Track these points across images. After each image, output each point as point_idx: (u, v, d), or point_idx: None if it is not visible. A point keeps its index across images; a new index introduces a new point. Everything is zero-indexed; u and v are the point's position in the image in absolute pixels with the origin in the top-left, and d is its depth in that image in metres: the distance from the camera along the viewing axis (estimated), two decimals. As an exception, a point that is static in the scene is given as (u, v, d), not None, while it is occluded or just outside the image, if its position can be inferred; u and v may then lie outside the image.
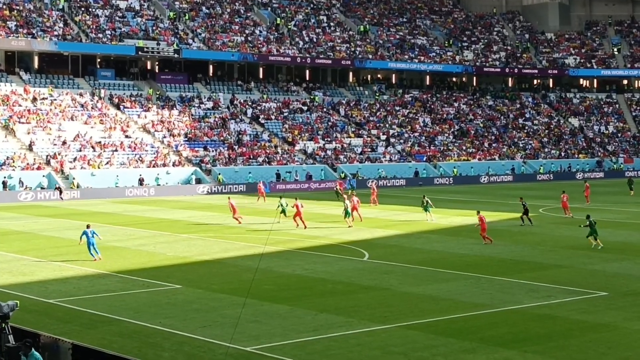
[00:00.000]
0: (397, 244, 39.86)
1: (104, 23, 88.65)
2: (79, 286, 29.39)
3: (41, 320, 23.62)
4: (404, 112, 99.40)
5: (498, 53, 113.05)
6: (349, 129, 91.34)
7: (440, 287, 29.09)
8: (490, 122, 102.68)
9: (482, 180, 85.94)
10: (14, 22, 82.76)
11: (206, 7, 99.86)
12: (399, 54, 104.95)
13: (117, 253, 36.93)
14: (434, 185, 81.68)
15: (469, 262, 34.26)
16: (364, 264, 34.29)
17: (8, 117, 74.39)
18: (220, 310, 25.42)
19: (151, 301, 26.86)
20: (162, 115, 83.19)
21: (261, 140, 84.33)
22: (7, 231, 45.13)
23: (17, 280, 30.53)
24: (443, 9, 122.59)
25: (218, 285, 29.53)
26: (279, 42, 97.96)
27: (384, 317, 24.41)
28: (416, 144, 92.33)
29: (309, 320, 24.08)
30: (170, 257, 36.10)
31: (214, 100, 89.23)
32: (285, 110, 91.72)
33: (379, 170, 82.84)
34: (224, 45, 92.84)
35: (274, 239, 40.35)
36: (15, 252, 37.00)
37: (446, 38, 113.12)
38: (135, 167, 72.73)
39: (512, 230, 44.94)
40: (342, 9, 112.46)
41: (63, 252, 37.03)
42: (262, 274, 30.92)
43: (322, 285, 29.65)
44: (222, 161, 78.00)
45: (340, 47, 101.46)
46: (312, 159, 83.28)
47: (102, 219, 50.93)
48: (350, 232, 44.30)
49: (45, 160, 70.60)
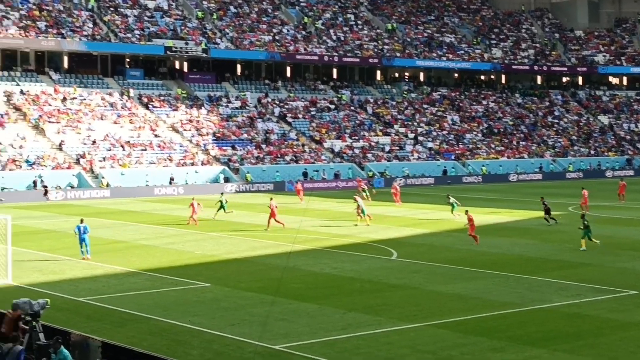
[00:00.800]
0: (425, 243, 39.80)
1: (133, 23, 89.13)
2: (108, 284, 29.59)
3: (71, 319, 23.80)
4: (432, 110, 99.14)
5: (527, 50, 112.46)
6: (377, 128, 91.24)
7: (469, 285, 29.02)
8: (519, 120, 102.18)
9: (511, 179, 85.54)
10: (44, 23, 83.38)
11: (234, 7, 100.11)
12: (427, 52, 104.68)
13: (146, 251, 37.14)
14: (462, 184, 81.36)
15: (497, 261, 34.15)
16: (392, 263, 34.27)
17: (38, 116, 74.98)
18: (248, 308, 25.50)
19: (180, 299, 27.00)
20: (191, 115, 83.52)
21: (289, 139, 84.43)
22: (37, 230, 45.50)
23: (48, 278, 30.78)
24: (471, 6, 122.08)
25: (246, 283, 29.62)
26: (306, 40, 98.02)
27: (412, 316, 24.39)
28: (444, 142, 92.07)
29: (338, 319, 24.10)
30: (199, 255, 36.25)
31: (241, 99, 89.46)
32: (312, 109, 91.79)
33: (404, 169, 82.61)
34: (252, 45, 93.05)
35: (301, 237, 40.39)
36: (46, 250, 37.30)
37: (474, 36, 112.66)
38: (164, 166, 73.07)
39: (540, 229, 44.70)
40: (370, 7, 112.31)
41: (93, 250, 37.22)
42: (290, 273, 30.99)
43: (351, 283, 29.66)
44: (250, 160, 78.19)
45: (367, 46, 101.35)
46: (339, 158, 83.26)
47: (131, 218, 51.23)
48: (378, 231, 44.25)
49: (75, 159, 71.09)
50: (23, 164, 67.98)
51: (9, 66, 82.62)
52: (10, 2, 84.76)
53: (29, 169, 67.58)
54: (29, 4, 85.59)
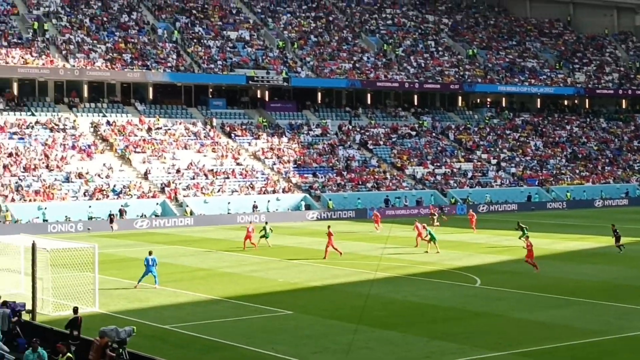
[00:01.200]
0: (508, 270, 39.33)
1: (216, 53, 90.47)
2: (193, 312, 29.90)
3: (157, 346, 24.10)
4: (515, 136, 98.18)
5: (611, 74, 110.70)
6: (459, 154, 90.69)
7: (554, 313, 28.56)
8: (603, 145, 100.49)
9: (596, 205, 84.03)
10: (129, 55, 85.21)
11: (314, 36, 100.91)
12: (508, 77, 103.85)
13: (229, 279, 37.45)
14: (546, 210, 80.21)
15: (583, 288, 33.56)
16: (475, 290, 33.93)
17: (124, 146, 76.48)
18: (331, 336, 25.49)
19: (263, 327, 27.13)
20: (272, 143, 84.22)
21: (370, 165, 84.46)
22: (123, 258, 46.26)
23: (134, 306, 31.23)
24: (553, 31, 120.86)
25: (329, 311, 29.62)
26: (386, 67, 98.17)
27: (497, 344, 24.09)
28: (527, 168, 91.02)
29: (421, 347, 23.94)
30: (281, 283, 36.41)
31: (322, 126, 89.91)
32: (393, 136, 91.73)
33: (486, 196, 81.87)
34: (332, 73, 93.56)
35: (383, 265, 40.29)
36: (132, 278, 37.82)
37: (557, 60, 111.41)
38: (247, 194, 73.72)
39: (630, 255, 43.78)
40: (450, 34, 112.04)
41: (177, 278, 37.75)
42: (373, 300, 30.89)
43: (434, 311, 29.45)
44: (331, 187, 78.41)
45: (448, 72, 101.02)
46: (421, 184, 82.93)
47: (214, 245, 51.75)
48: (460, 258, 43.89)
49: (159, 188, 72.24)
50: (110, 193, 69.35)
51: (96, 98, 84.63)
52: (97, 36, 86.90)
53: (116, 199, 68.88)
54: (114, 37, 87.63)
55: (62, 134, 75.96)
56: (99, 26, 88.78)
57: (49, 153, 72.40)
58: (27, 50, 79.66)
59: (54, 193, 66.94)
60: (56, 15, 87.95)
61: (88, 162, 72.96)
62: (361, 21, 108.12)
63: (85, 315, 24.82)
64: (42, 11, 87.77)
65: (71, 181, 69.74)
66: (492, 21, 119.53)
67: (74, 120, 78.68)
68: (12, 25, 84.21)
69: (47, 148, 73.14)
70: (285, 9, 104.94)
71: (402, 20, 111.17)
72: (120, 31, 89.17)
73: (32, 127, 75.82)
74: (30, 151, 72.13)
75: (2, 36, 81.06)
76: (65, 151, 73.59)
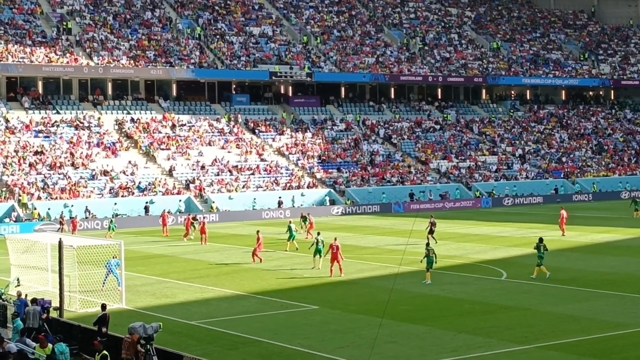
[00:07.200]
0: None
1: (239, 50, 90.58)
2: (219, 308, 29.99)
3: (183, 342, 24.20)
4: (540, 128, 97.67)
5: (636, 65, 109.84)
6: (483, 147, 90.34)
7: (582, 306, 28.41)
8: (629, 136, 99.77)
9: (622, 196, 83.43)
10: (153, 52, 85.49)
11: (337, 30, 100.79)
12: (532, 69, 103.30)
13: (254, 274, 37.53)
14: (572, 202, 79.72)
15: (611, 280, 33.34)
16: (502, 284, 33.82)
17: (149, 143, 76.76)
18: (357, 331, 25.49)
19: (289, 322, 27.18)
20: (296, 138, 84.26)
21: (394, 160, 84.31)
22: (149, 255, 46.45)
23: (160, 302, 31.37)
24: (577, 22, 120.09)
25: (354, 305, 29.62)
26: (410, 61, 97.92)
27: (524, 338, 24.00)
28: (553, 160, 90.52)
29: (448, 341, 23.89)
30: (307, 278, 36.44)
31: (346, 121, 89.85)
32: (417, 130, 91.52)
33: (514, 187, 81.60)
34: (356, 67, 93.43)
35: (408, 259, 40.22)
36: (158, 275, 38.02)
37: (581, 52, 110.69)
38: (271, 189, 73.83)
39: (656, 247, 43.49)
40: (474, 26, 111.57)
41: (203, 274, 37.86)
42: (398, 295, 30.87)
43: (460, 305, 29.38)
44: (356, 182, 78.34)
45: (472, 65, 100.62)
46: (446, 178, 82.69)
47: (239, 241, 51.85)
48: (486, 252, 43.75)
49: (184, 185, 72.46)
50: (135, 190, 69.65)
51: (120, 95, 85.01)
52: (121, 34, 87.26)
53: (141, 195, 69.17)
54: (138, 35, 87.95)
55: (86, 132, 76.36)
56: (122, 24, 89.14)
57: (74, 151, 72.80)
58: (52, 49, 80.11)
59: (79, 191, 67.33)
60: (80, 13, 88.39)
61: (113, 159, 73.31)
62: (384, 15, 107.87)
63: (113, 312, 24.95)
64: (65, 10, 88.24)
65: (97, 179, 70.11)
66: (516, 13, 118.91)
67: (98, 117, 79.05)
68: (37, 24, 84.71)
69: (72, 146, 73.55)
70: (307, 4, 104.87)
71: (425, 14, 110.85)
72: (143, 28, 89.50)
73: (57, 125, 76.29)
74: (55, 149, 72.57)
75: (27, 35, 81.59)
76: (90, 149, 73.97)
